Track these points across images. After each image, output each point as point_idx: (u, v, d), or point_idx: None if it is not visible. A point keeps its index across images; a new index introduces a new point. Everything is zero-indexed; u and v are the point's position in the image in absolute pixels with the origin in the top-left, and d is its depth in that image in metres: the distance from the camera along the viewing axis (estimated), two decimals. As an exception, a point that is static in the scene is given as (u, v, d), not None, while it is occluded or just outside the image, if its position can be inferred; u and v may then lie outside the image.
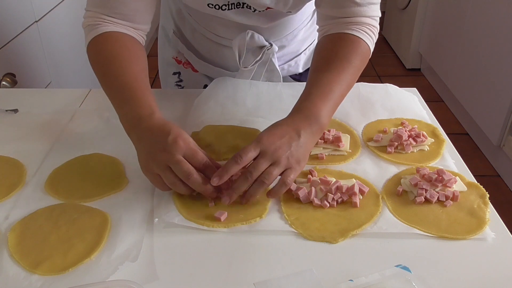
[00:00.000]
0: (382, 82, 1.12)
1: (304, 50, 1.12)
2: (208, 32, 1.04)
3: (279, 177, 0.72)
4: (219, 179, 0.69)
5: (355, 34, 0.85)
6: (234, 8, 0.91)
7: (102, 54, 0.84)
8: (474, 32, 2.46)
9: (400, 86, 1.07)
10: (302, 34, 1.08)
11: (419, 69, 3.31)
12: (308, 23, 1.07)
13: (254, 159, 0.71)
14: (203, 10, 0.92)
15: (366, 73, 0.94)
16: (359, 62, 0.84)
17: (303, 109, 0.77)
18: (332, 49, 0.85)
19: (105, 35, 0.84)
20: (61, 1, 1.86)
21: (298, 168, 0.73)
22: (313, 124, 0.75)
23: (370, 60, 0.88)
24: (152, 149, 0.71)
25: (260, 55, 1.03)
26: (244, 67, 1.04)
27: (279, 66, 1.07)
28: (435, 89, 3.04)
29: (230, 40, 1.02)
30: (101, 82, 0.83)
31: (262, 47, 1.03)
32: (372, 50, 0.88)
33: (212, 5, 0.89)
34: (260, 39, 1.01)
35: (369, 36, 0.86)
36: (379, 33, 0.91)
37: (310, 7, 1.01)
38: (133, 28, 0.87)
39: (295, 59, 1.11)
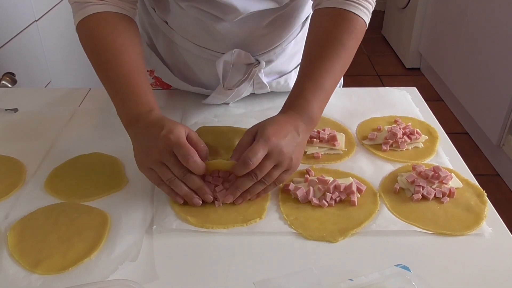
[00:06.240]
0: (382, 81, 1.12)
1: (294, 69, 1.04)
2: (188, 42, 0.95)
3: None
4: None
5: (351, 10, 0.80)
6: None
7: (95, 40, 0.80)
8: (474, 31, 2.46)
9: (399, 86, 1.07)
10: (291, 48, 0.99)
11: (419, 69, 3.31)
12: (298, 34, 0.98)
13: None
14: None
15: (366, 73, 0.93)
16: (353, 44, 0.81)
17: (297, 107, 0.77)
18: (326, 30, 0.81)
19: (95, 17, 0.80)
20: (61, 0, 1.86)
21: (295, 169, 0.74)
22: (307, 122, 0.76)
23: (369, 59, 0.87)
24: (145, 145, 0.71)
25: (246, 74, 0.95)
26: (228, 89, 0.96)
27: (266, 82, 1.01)
28: (435, 89, 3.04)
29: (214, 51, 0.94)
30: (97, 72, 0.81)
31: (248, 64, 0.96)
32: (367, 23, 0.83)
33: None
34: (246, 56, 0.93)
35: (366, 9, 0.82)
36: (379, 33, 0.90)
37: (300, 16, 0.95)
38: (121, 0, 0.83)
39: (285, 77, 1.03)
